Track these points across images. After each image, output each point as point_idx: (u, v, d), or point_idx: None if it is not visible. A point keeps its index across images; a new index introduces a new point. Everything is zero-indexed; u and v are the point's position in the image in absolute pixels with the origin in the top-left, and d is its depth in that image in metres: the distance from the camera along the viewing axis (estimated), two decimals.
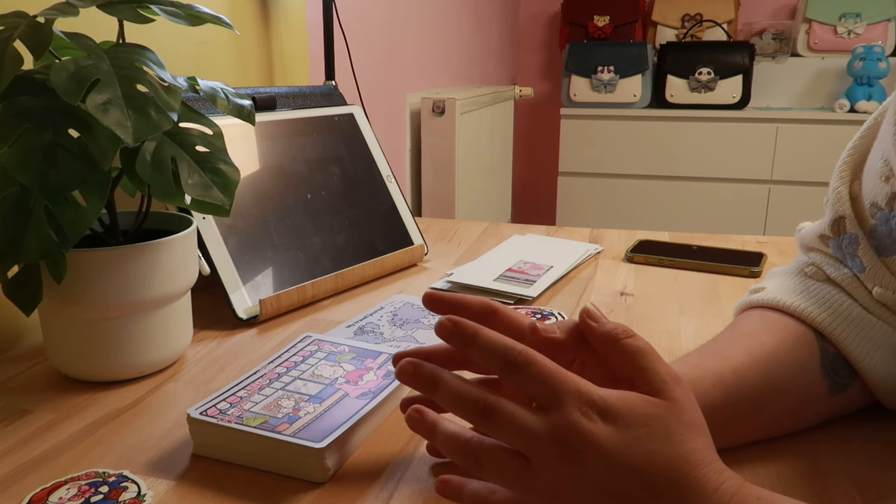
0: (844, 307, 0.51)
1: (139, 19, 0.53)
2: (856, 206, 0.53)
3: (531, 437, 0.36)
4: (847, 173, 0.54)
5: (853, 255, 0.52)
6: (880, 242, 0.51)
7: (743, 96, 2.50)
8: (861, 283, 0.52)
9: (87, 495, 0.42)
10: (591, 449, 0.35)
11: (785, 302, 0.53)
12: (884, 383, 0.51)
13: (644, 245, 0.97)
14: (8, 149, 0.48)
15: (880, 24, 2.57)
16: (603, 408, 0.36)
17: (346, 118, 0.94)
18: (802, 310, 0.52)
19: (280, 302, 0.73)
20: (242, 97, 0.61)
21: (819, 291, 0.53)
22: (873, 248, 0.51)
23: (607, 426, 0.35)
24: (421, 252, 0.92)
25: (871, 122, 0.53)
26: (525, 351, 0.37)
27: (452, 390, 0.38)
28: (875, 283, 0.51)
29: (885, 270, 0.50)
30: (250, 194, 0.77)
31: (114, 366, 0.58)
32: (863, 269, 0.52)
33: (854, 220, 0.52)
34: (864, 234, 0.51)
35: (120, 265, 0.55)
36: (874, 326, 0.51)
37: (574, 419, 0.35)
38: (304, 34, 1.21)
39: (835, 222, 0.54)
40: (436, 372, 0.39)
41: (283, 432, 0.45)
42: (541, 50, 3.18)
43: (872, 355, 0.50)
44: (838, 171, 0.54)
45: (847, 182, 0.54)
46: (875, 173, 0.50)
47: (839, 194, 0.53)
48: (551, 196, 2.81)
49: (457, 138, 1.74)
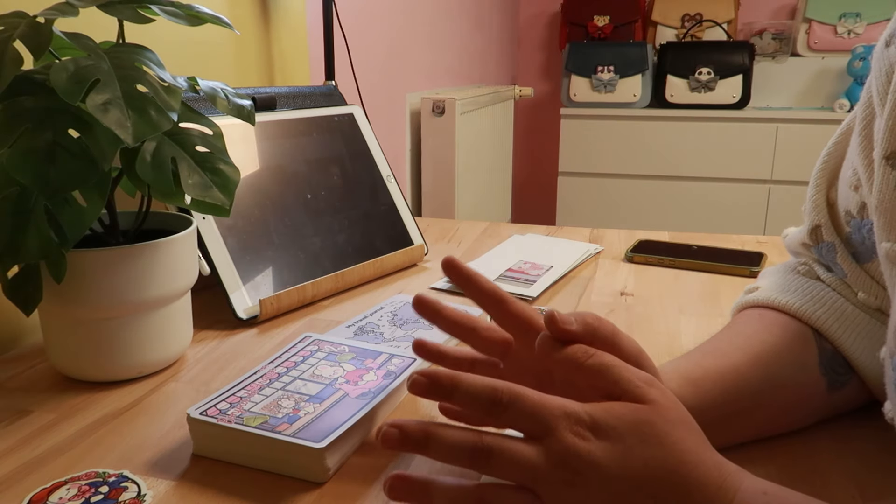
0: (838, 304, 0.52)
1: (139, 19, 0.53)
2: (833, 213, 0.53)
3: (532, 469, 0.35)
4: (823, 181, 0.54)
5: (833, 262, 0.53)
6: (856, 249, 0.51)
7: (743, 96, 2.50)
8: (849, 286, 0.52)
9: (88, 495, 0.42)
10: (591, 468, 0.35)
11: (781, 301, 0.53)
12: (879, 379, 0.50)
13: (644, 245, 0.97)
14: (8, 149, 0.48)
15: (880, 24, 2.57)
16: (593, 424, 0.36)
17: (346, 118, 0.94)
18: (798, 307, 0.52)
19: (280, 302, 0.73)
20: (242, 97, 0.61)
21: (812, 289, 0.53)
22: (851, 254, 0.51)
23: (601, 442, 0.35)
24: (421, 252, 0.92)
25: (844, 128, 0.53)
26: (508, 388, 0.36)
27: (446, 443, 0.36)
28: (858, 289, 0.51)
29: (866, 276, 0.51)
30: (250, 194, 0.77)
31: (114, 366, 0.58)
32: (844, 275, 0.52)
33: (831, 227, 0.52)
34: (841, 242, 0.52)
35: (120, 265, 0.55)
36: (868, 323, 0.51)
37: (569, 442, 0.35)
38: (304, 34, 1.21)
39: (812, 231, 0.54)
40: (424, 428, 0.37)
41: (283, 432, 0.45)
42: (541, 50, 3.18)
43: (868, 352, 0.50)
44: (814, 178, 0.54)
45: (823, 190, 0.54)
46: (846, 182, 0.50)
47: (815, 202, 0.54)
48: (551, 196, 2.81)
49: (457, 138, 1.74)
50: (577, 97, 2.63)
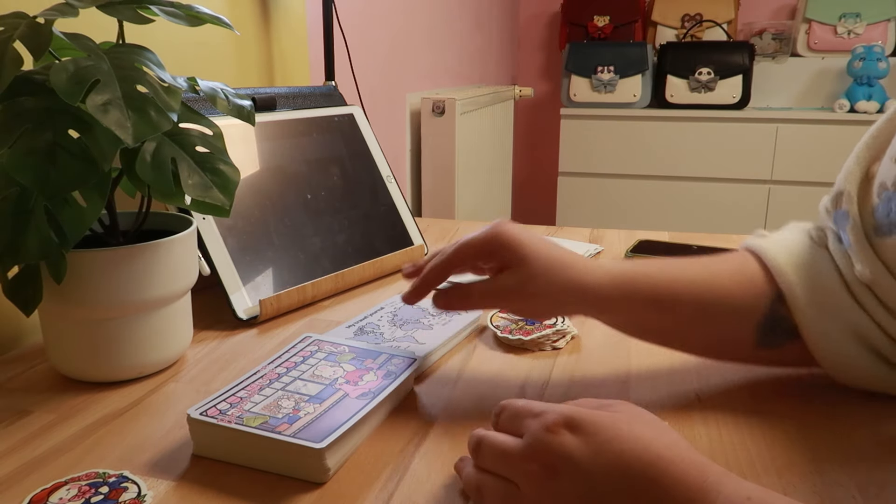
0: (824, 278, 0.53)
1: (139, 20, 0.53)
2: (864, 185, 0.53)
3: (510, 461, 0.39)
4: (865, 154, 0.54)
5: (844, 230, 0.53)
6: (878, 223, 0.51)
7: (743, 96, 2.50)
8: (850, 259, 0.53)
9: (88, 496, 0.42)
10: (565, 461, 0.37)
11: (770, 255, 0.55)
12: (832, 362, 0.53)
13: (644, 245, 0.97)
14: (8, 149, 0.48)
15: (880, 24, 2.57)
16: (569, 422, 0.38)
17: (345, 118, 0.94)
18: (781, 268, 0.54)
19: (280, 302, 0.73)
20: (242, 97, 0.61)
21: (808, 256, 0.55)
22: (871, 227, 0.52)
23: (576, 437, 0.37)
24: (421, 252, 0.92)
25: None
26: (503, 402, 0.43)
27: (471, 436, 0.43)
28: (857, 261, 0.52)
29: (869, 251, 0.51)
30: (250, 195, 0.77)
31: (114, 366, 0.58)
32: (848, 245, 0.53)
33: (853, 197, 0.53)
34: (858, 213, 0.52)
35: (120, 266, 0.55)
36: (847, 308, 0.52)
37: (542, 437, 0.38)
38: (304, 34, 1.21)
39: (836, 196, 0.55)
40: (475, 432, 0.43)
41: (283, 432, 0.45)
42: (541, 50, 3.18)
43: (829, 334, 0.52)
44: (857, 149, 0.55)
45: (862, 163, 0.54)
46: (891, 155, 0.51)
47: (849, 170, 0.54)
48: (551, 196, 2.81)
49: (457, 138, 1.74)
50: (577, 97, 2.63)
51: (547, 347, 0.65)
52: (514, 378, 0.60)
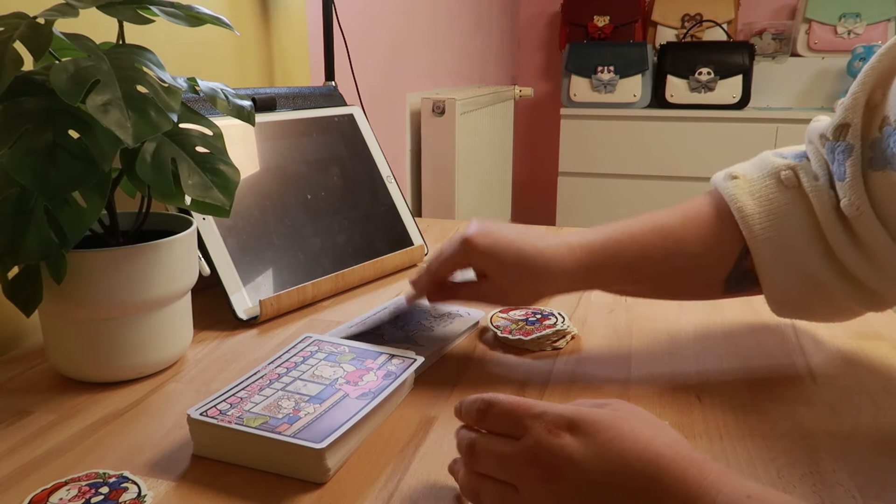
0: (791, 228, 0.55)
1: (139, 20, 0.53)
2: (868, 115, 0.52)
3: (509, 463, 0.38)
4: (870, 79, 0.52)
5: (841, 163, 0.53)
6: (875, 156, 0.51)
7: (743, 96, 2.49)
8: (829, 195, 0.54)
9: (88, 496, 0.42)
10: (565, 462, 0.36)
11: (739, 204, 0.57)
12: (782, 304, 0.59)
13: None
14: (8, 149, 0.48)
15: (880, 24, 2.57)
16: (569, 423, 0.38)
17: (345, 119, 0.94)
18: (748, 221, 0.56)
19: (280, 302, 0.73)
20: (242, 98, 0.61)
21: (779, 205, 0.56)
22: (866, 160, 0.51)
23: (575, 438, 0.37)
24: (421, 252, 0.92)
25: None
26: (488, 396, 0.41)
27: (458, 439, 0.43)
28: (846, 195, 0.52)
29: (862, 186, 0.51)
30: (250, 195, 0.77)
31: (114, 366, 0.58)
32: (843, 178, 0.52)
33: (858, 131, 0.52)
34: (862, 147, 0.52)
35: (120, 266, 0.55)
36: (809, 257, 0.54)
37: (542, 438, 0.37)
38: (304, 34, 1.21)
39: (839, 127, 0.54)
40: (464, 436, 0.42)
41: (283, 433, 0.45)
42: (541, 50, 3.18)
43: (787, 287, 0.57)
44: (862, 75, 0.53)
45: (867, 89, 0.52)
46: None
47: (855, 100, 0.53)
48: (551, 196, 2.81)
49: (457, 138, 1.74)
50: (577, 97, 2.63)
51: (547, 347, 0.65)
52: (514, 378, 0.60)
